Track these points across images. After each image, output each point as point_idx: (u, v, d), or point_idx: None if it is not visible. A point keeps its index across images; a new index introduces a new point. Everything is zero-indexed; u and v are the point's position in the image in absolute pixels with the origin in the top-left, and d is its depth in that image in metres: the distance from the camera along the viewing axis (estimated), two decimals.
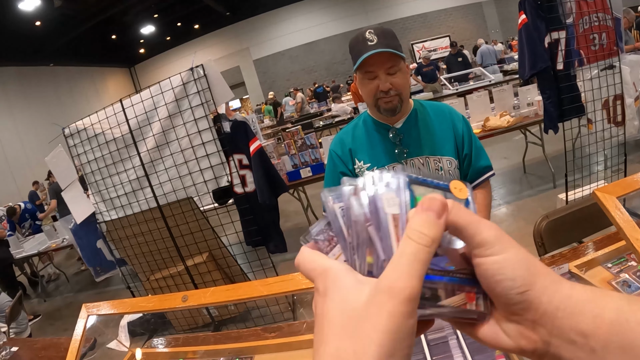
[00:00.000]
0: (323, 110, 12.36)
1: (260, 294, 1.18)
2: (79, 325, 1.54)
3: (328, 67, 21.11)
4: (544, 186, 4.84)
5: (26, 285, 7.47)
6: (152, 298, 1.50)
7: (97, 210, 3.76)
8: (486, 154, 1.66)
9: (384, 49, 1.40)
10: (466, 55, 10.85)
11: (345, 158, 1.64)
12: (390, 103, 1.48)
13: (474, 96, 5.06)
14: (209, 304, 1.27)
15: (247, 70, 21.88)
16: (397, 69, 1.46)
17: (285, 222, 6.25)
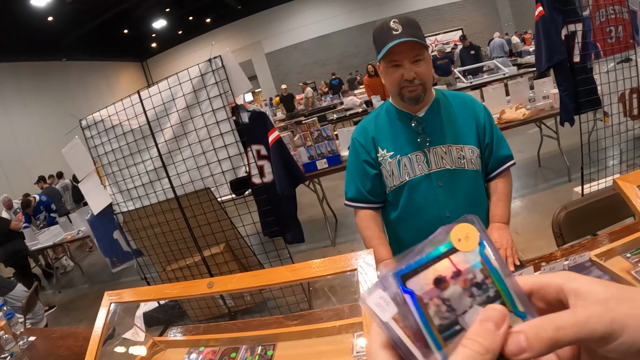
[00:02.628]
0: (336, 104, 12.30)
1: (287, 279, 1.18)
2: (101, 313, 1.55)
3: (340, 61, 21.03)
4: (559, 180, 4.80)
5: (41, 277, 7.56)
6: (177, 285, 1.50)
7: (114, 201, 3.79)
8: (507, 144, 1.67)
9: (409, 38, 1.40)
10: (479, 48, 10.77)
11: (369, 146, 1.64)
12: (414, 92, 1.49)
13: (489, 88, 5.03)
14: (235, 290, 1.27)
15: (259, 64, 21.87)
16: (422, 59, 1.47)
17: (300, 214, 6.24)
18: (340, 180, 6.76)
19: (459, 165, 1.56)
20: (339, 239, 5.06)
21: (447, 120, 1.58)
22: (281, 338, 1.53)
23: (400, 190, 1.59)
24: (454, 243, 0.35)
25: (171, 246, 3.68)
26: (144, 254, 3.99)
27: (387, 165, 1.60)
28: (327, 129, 4.70)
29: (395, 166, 1.58)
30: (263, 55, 21.81)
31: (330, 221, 5.42)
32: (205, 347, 1.65)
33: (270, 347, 1.51)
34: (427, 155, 1.55)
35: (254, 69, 21.82)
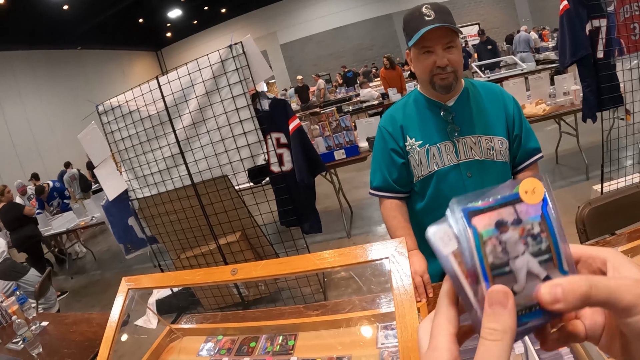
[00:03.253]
0: (351, 96, 12.23)
1: (315, 267, 1.14)
2: (119, 299, 1.52)
3: (355, 53, 20.93)
4: (577, 177, 4.73)
5: (53, 263, 7.63)
6: (199, 271, 1.45)
7: (129, 187, 3.78)
8: (535, 136, 1.62)
9: (443, 23, 1.37)
10: (495, 43, 10.63)
11: (396, 135, 1.61)
12: (446, 80, 1.45)
13: (510, 83, 4.95)
14: (260, 278, 1.24)
15: (273, 55, 21.84)
16: (454, 46, 1.44)
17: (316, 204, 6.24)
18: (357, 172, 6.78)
19: (488, 157, 1.52)
20: (354, 231, 5.03)
21: (477, 110, 1.54)
22: (302, 328, 1.50)
23: (428, 180, 1.56)
24: (521, 194, 0.37)
25: (186, 233, 3.67)
26: (159, 241, 3.98)
27: (416, 154, 1.56)
28: (346, 119, 4.66)
29: (423, 155, 1.54)
30: (278, 46, 21.78)
31: (346, 212, 5.39)
32: (224, 336, 1.62)
33: (292, 337, 1.48)
34: (456, 145, 1.51)
35: (268, 59, 21.75)
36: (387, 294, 1.42)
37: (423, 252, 1.71)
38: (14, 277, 3.85)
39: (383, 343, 1.28)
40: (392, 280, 0.95)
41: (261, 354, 1.46)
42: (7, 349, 2.55)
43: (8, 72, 13.34)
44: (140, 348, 1.73)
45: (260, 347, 1.49)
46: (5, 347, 2.59)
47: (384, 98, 9.09)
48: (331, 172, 4.91)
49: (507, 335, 0.34)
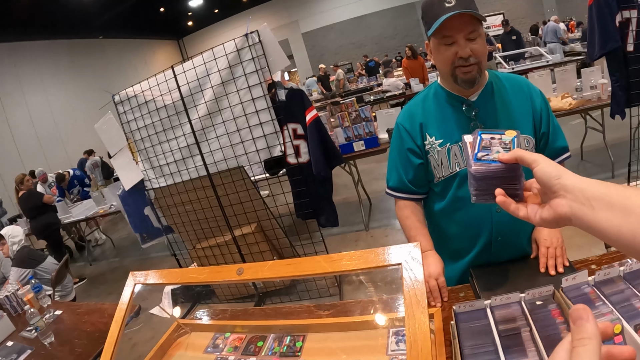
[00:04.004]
0: (373, 85, 12.07)
1: (324, 270, 1.08)
2: (125, 293, 1.49)
3: (377, 42, 20.68)
4: (602, 175, 4.55)
5: (73, 249, 7.75)
6: (205, 269, 1.41)
7: (145, 177, 3.78)
8: (563, 134, 1.50)
9: (465, 10, 1.25)
10: (520, 33, 10.33)
11: (414, 133, 1.51)
12: (469, 73, 1.33)
13: (535, 75, 4.79)
14: (267, 279, 1.19)
15: (295, 44, 21.73)
16: (477, 34, 1.31)
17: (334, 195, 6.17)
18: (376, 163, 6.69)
19: None
20: (373, 224, 4.96)
21: (502, 106, 1.42)
22: (311, 329, 1.44)
23: (450, 181, 1.45)
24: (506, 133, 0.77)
25: (202, 224, 3.66)
26: (175, 231, 3.98)
27: (436, 154, 1.46)
28: (366, 110, 4.57)
29: (444, 155, 1.44)
30: (300, 35, 21.64)
31: (365, 205, 5.32)
32: (232, 333, 1.58)
33: (300, 338, 1.43)
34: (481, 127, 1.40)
35: (290, 48, 21.68)
36: (401, 297, 1.36)
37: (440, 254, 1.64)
38: (31, 264, 3.89)
39: (393, 350, 1.22)
40: (403, 289, 0.89)
41: (268, 354, 1.41)
42: (21, 337, 2.59)
43: (31, 62, 13.52)
44: (151, 340, 1.71)
45: (267, 347, 1.44)
46: (19, 334, 2.63)
47: (407, 88, 8.94)
48: (350, 163, 4.84)
49: (593, 340, 0.41)
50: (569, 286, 1.06)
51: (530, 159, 0.68)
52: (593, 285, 1.06)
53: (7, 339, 2.62)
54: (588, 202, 0.58)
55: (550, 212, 0.65)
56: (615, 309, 0.95)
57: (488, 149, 0.73)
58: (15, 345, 2.49)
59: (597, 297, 1.01)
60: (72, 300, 4.23)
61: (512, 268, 1.40)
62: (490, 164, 0.71)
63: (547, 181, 0.64)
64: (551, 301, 1.05)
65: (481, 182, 0.73)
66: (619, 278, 1.07)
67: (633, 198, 0.54)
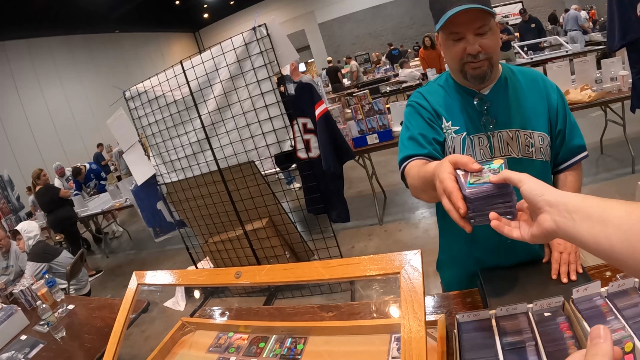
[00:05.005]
0: (390, 76, 11.91)
1: (321, 277, 1.05)
2: (128, 294, 1.50)
3: (395, 32, 20.41)
4: (622, 170, 4.42)
5: (91, 242, 7.88)
6: (204, 271, 1.41)
7: (157, 172, 3.79)
8: (580, 132, 1.41)
9: (473, 4, 1.16)
10: (539, 21, 10.05)
11: (430, 110, 1.39)
12: (479, 69, 1.25)
13: (553, 66, 4.64)
14: (263, 283, 1.16)
15: (312, 34, 21.56)
16: (488, 29, 1.22)
17: (348, 188, 6.13)
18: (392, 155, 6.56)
19: (526, 154, 1.33)
20: (387, 217, 4.91)
21: (515, 101, 1.34)
22: (313, 332, 1.42)
23: None
24: (494, 161, 0.82)
25: (213, 219, 3.66)
26: (187, 225, 4.00)
27: (450, 140, 1.36)
28: (379, 102, 4.49)
29: (459, 144, 1.34)
30: (316, 25, 21.46)
31: (379, 198, 5.27)
32: (235, 333, 1.57)
33: (301, 340, 1.41)
34: (490, 139, 1.33)
35: (307, 39, 21.56)
36: None
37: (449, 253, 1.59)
38: (47, 259, 3.94)
39: (394, 357, 1.18)
40: (401, 300, 0.85)
41: (269, 356, 1.39)
42: (34, 331, 2.64)
43: (48, 58, 13.71)
44: (163, 332, 1.71)
45: (269, 348, 1.43)
46: (33, 328, 2.68)
47: (423, 79, 8.81)
48: (365, 156, 4.78)
49: (606, 357, 0.43)
50: (580, 297, 1.01)
51: (516, 179, 0.72)
52: (606, 297, 1.01)
53: (22, 333, 2.68)
54: (569, 215, 0.63)
55: (538, 227, 0.69)
56: (627, 325, 0.91)
57: (479, 175, 0.79)
58: (29, 339, 2.54)
59: (609, 310, 0.96)
60: (86, 293, 4.28)
61: (522, 273, 1.33)
62: (482, 186, 0.76)
63: (532, 199, 0.69)
64: (560, 313, 1.01)
65: (476, 203, 0.78)
66: (633, 290, 1.01)
67: (609, 210, 0.59)
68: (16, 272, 3.96)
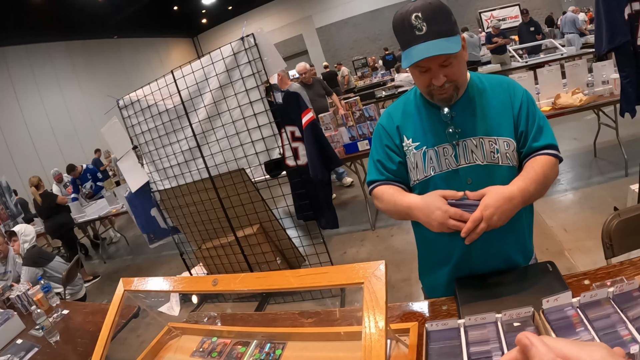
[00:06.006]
0: (386, 80, 11.94)
1: (290, 285, 1.09)
2: (115, 300, 1.53)
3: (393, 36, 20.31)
4: (615, 173, 4.43)
5: (88, 247, 7.90)
6: (184, 279, 1.47)
7: (151, 179, 3.83)
8: (551, 134, 1.38)
9: (435, 40, 1.20)
10: (539, 24, 10.06)
11: (392, 133, 1.47)
12: (444, 94, 1.30)
13: (544, 70, 4.65)
14: (238, 291, 1.20)
15: (310, 39, 21.57)
16: (453, 58, 1.26)
17: (341, 194, 6.20)
18: None
19: (492, 161, 1.35)
20: (379, 223, 4.93)
21: (480, 109, 1.37)
22: (292, 337, 1.46)
23: (425, 185, 1.41)
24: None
25: (206, 225, 3.70)
26: (181, 231, 4.04)
27: (412, 156, 1.42)
28: (370, 109, 4.53)
29: (420, 158, 1.40)
30: (314, 30, 21.49)
31: (371, 204, 5.29)
32: (219, 338, 1.61)
33: (280, 346, 1.44)
34: (455, 148, 1.36)
35: (304, 43, 21.60)
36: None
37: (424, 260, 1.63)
38: (42, 263, 4.00)
39: None
40: (363, 309, 0.88)
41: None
42: (30, 335, 2.72)
43: (47, 63, 13.76)
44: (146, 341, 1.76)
45: (249, 353, 1.47)
46: (28, 333, 2.76)
47: None
48: (356, 162, 4.82)
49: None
50: (550, 308, 1.02)
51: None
52: (577, 308, 1.01)
53: (18, 337, 2.76)
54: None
55: None
56: (597, 336, 0.92)
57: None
58: (25, 343, 2.62)
59: (579, 321, 0.96)
60: (81, 298, 4.32)
61: (498, 281, 1.35)
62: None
63: None
64: (530, 323, 1.01)
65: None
66: (606, 300, 1.02)
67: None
68: (14, 277, 4.00)
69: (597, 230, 1.85)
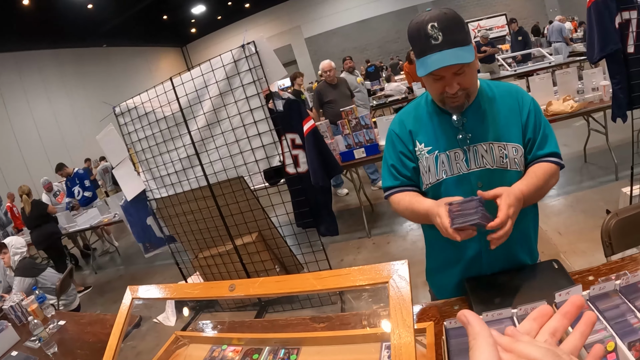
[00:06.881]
0: (376, 90, 12.03)
1: (313, 287, 1.09)
2: (123, 308, 1.50)
3: (381, 46, 20.72)
4: (605, 177, 4.52)
5: (79, 258, 7.78)
6: (198, 285, 1.43)
7: (147, 187, 3.80)
8: (555, 142, 1.45)
9: (451, 49, 1.23)
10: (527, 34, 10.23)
11: (405, 138, 1.51)
12: (457, 102, 1.34)
13: (536, 78, 4.76)
14: (257, 295, 1.20)
15: (298, 49, 21.81)
16: (466, 67, 1.29)
17: (336, 202, 6.20)
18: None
19: (501, 165, 1.40)
20: (375, 230, 4.95)
21: (490, 115, 1.42)
22: (306, 342, 1.46)
23: (437, 188, 1.46)
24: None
25: (203, 234, 3.67)
26: (177, 241, 4.00)
27: (424, 160, 1.46)
28: (366, 117, 4.56)
29: (432, 162, 1.44)
30: (303, 40, 21.70)
31: (367, 211, 5.32)
32: (229, 345, 1.59)
33: (294, 351, 1.44)
34: (466, 153, 1.40)
35: (293, 53, 21.77)
36: None
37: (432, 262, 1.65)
38: (35, 273, 3.96)
39: None
40: (390, 308, 0.89)
41: None
42: (25, 347, 2.62)
43: (35, 71, 13.68)
44: (155, 348, 1.73)
45: (263, 359, 1.46)
46: (24, 344, 2.65)
47: (409, 92, 8.91)
48: (352, 170, 4.84)
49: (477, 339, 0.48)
50: (563, 301, 1.03)
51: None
52: (588, 300, 1.05)
53: (12, 349, 2.66)
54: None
55: None
56: (609, 325, 0.95)
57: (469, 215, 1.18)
58: (20, 355, 2.53)
59: None
60: (75, 308, 4.27)
61: (507, 280, 1.39)
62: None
63: None
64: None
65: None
66: (614, 292, 1.06)
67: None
68: (4, 287, 3.94)
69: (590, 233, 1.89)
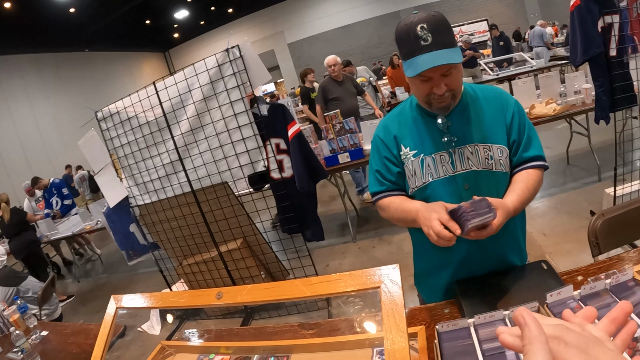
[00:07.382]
0: None
1: (302, 294, 1.07)
2: (107, 318, 1.46)
3: (363, 51, 20.81)
4: (588, 179, 4.59)
5: (61, 266, 7.63)
6: (184, 293, 1.40)
7: (130, 194, 3.74)
8: (539, 145, 1.47)
9: (441, 50, 1.23)
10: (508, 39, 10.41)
11: (390, 144, 1.51)
12: (443, 102, 1.34)
13: (519, 82, 4.82)
14: (246, 303, 1.17)
15: (281, 54, 21.82)
16: (453, 68, 1.30)
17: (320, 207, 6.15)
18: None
19: (487, 167, 1.40)
20: (360, 235, 4.94)
21: (475, 118, 1.42)
22: (295, 349, 1.43)
23: (423, 191, 1.45)
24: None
25: (187, 241, 3.62)
26: (161, 248, 3.94)
27: (410, 164, 1.46)
28: (350, 121, 4.56)
29: (418, 166, 1.44)
30: (285, 45, 21.72)
31: (352, 216, 5.30)
32: (216, 354, 1.56)
33: (284, 358, 1.42)
34: (452, 155, 1.40)
35: (276, 59, 21.77)
36: None
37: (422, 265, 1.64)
38: (16, 282, 3.86)
39: None
40: (382, 312, 0.87)
41: None
42: (7, 358, 2.53)
43: (16, 75, 13.46)
44: (139, 358, 1.68)
45: None
46: (6, 356, 2.57)
47: (392, 97, 8.95)
48: (336, 175, 4.83)
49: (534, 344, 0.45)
50: (554, 301, 1.05)
51: None
52: (579, 300, 1.05)
53: None
54: None
55: None
56: None
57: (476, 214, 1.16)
58: None
59: None
60: (58, 318, 4.17)
61: (498, 282, 1.38)
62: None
63: None
64: None
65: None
66: (605, 291, 1.07)
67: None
68: None
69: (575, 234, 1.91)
